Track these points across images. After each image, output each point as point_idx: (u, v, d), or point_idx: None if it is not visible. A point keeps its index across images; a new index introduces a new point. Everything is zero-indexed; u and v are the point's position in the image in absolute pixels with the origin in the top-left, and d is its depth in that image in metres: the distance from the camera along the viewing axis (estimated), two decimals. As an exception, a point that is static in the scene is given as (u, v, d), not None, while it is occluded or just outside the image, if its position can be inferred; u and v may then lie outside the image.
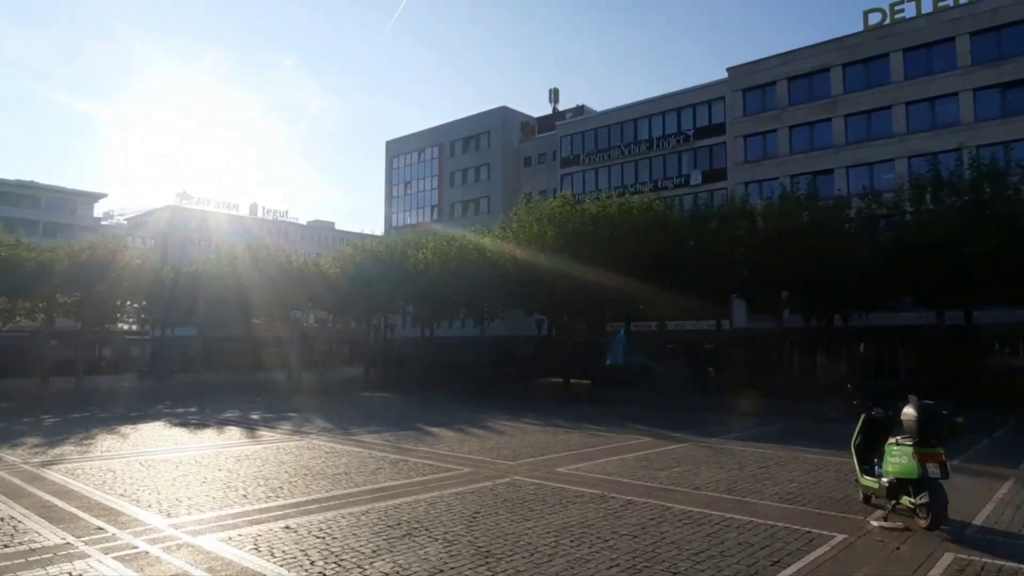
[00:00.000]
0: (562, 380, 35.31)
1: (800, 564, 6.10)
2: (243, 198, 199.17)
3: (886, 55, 38.10)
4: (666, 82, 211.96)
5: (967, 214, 24.03)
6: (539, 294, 32.14)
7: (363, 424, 18.12)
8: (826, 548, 6.59)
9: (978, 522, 7.67)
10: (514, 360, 42.29)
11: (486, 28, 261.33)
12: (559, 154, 53.78)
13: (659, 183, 46.35)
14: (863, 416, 8.54)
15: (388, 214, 67.91)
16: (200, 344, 50.36)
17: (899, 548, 6.66)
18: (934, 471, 7.04)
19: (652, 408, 22.90)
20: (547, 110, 63.73)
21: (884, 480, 7.68)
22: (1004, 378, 28.16)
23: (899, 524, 7.38)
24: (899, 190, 27.81)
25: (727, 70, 44.43)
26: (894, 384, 29.11)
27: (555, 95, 63.75)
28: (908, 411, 7.36)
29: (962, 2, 36.11)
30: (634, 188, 45.39)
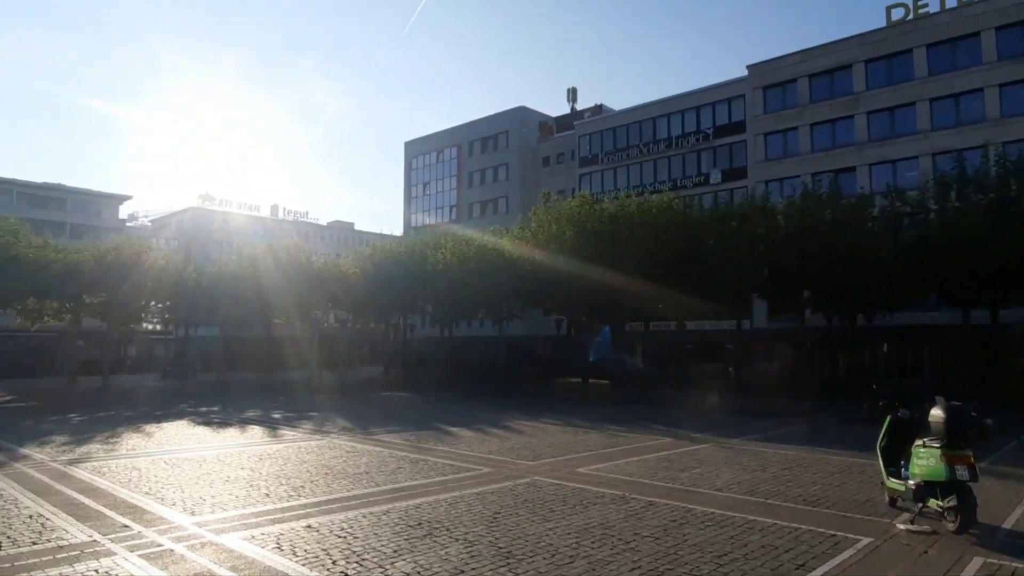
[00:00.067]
0: (581, 380, 35.24)
1: (825, 568, 6.01)
2: (264, 199, 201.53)
3: (909, 51, 37.54)
4: (685, 80, 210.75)
5: (993, 212, 23.67)
6: (557, 294, 32.08)
7: (383, 424, 18.21)
8: (852, 552, 6.50)
9: (1008, 525, 7.53)
10: (533, 360, 42.24)
11: (504, 28, 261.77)
12: (577, 154, 53.63)
13: (678, 182, 46.06)
14: (889, 417, 8.43)
15: (407, 215, 68.27)
16: (222, 344, 50.88)
17: (927, 552, 6.55)
18: (963, 473, 6.91)
19: (670, 408, 22.77)
20: (565, 110, 63.72)
21: (911, 482, 7.56)
22: (1032, 379, 27.59)
23: (926, 527, 7.27)
24: (923, 188, 27.44)
25: (747, 67, 44.09)
26: (919, 384, 28.65)
27: (573, 94, 63.75)
28: (936, 412, 7.24)
29: (987, -4, 35.53)
30: (653, 187, 44.99)
